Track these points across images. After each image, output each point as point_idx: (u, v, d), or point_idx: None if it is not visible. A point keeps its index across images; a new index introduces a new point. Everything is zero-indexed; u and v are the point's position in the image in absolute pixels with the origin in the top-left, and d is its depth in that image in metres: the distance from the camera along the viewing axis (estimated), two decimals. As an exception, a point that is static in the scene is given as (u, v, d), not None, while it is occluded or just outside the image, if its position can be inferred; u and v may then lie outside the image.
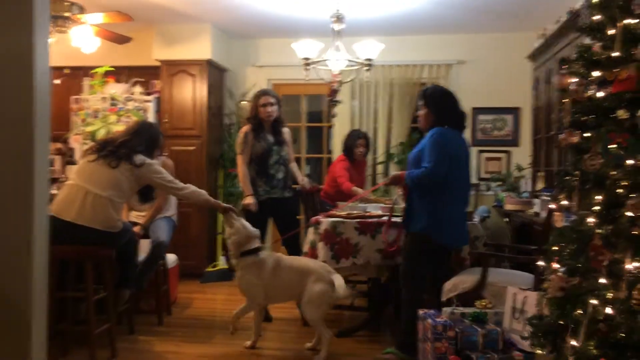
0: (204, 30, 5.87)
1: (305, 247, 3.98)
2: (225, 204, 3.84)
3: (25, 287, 2.76)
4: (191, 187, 3.63)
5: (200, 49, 5.89)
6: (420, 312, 3.12)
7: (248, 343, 3.58)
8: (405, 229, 3.43)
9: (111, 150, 3.45)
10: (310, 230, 3.92)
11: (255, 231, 3.56)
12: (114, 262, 3.66)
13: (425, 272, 3.40)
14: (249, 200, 4.21)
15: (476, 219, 4.15)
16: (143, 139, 3.60)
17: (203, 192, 3.69)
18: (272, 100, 4.28)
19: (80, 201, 3.31)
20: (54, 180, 5.23)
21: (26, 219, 2.77)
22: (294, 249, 4.30)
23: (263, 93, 4.34)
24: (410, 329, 3.28)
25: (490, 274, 3.29)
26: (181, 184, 3.61)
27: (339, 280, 3.39)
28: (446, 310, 3.07)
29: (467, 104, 5.85)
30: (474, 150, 5.99)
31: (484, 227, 4.28)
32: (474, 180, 5.91)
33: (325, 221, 3.74)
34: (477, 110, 6.13)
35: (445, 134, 3.30)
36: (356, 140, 5.18)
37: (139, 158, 3.48)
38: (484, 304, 3.09)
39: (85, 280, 3.26)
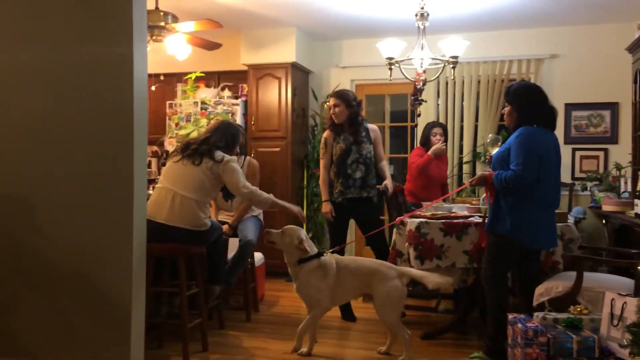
0: (289, 33, 5.99)
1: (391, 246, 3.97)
2: (294, 207, 3.86)
3: (126, 282, 2.95)
4: (255, 191, 3.65)
5: (285, 52, 6.01)
6: (510, 316, 3.02)
7: (304, 350, 3.46)
8: (489, 230, 3.32)
9: (194, 149, 3.60)
10: (395, 230, 3.90)
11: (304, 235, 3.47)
12: (205, 259, 3.83)
13: (507, 275, 3.29)
14: (325, 207, 4.35)
15: (570, 220, 3.95)
16: (222, 135, 3.72)
17: (270, 196, 3.70)
18: (335, 102, 4.30)
19: (169, 203, 3.46)
20: (150, 182, 5.54)
21: (126, 218, 2.96)
22: (381, 250, 4.27)
23: (329, 95, 4.38)
24: (498, 334, 3.18)
25: (585, 278, 3.12)
26: (249, 187, 3.61)
27: (416, 272, 3.40)
28: (537, 315, 2.95)
29: (559, 100, 5.64)
30: (567, 149, 5.72)
31: (579, 229, 4.07)
32: (567, 179, 5.65)
33: (409, 221, 3.70)
34: (571, 106, 5.83)
35: (533, 133, 3.17)
36: (431, 130, 5.10)
37: (219, 154, 3.59)
38: (579, 309, 2.94)
39: (178, 277, 3.41)
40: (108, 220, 2.98)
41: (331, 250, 3.62)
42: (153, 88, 5.77)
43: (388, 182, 4.37)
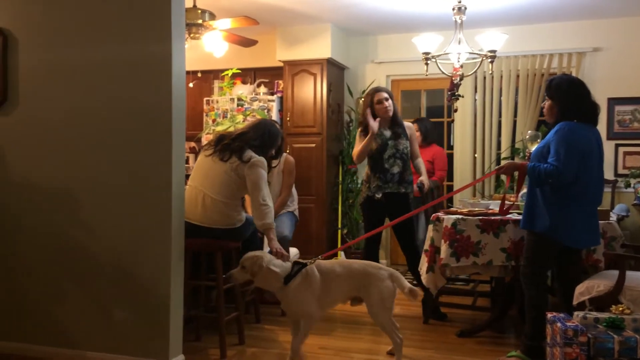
0: (324, 29, 6.00)
1: (426, 245, 3.93)
2: (277, 244, 3.38)
3: (165, 275, 3.02)
4: (267, 209, 3.38)
5: (321, 48, 6.02)
6: (549, 315, 2.96)
7: None
8: (525, 227, 3.26)
9: (226, 144, 3.52)
10: (430, 227, 3.87)
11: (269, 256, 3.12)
12: (240, 254, 3.87)
13: (547, 274, 3.22)
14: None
15: (613, 218, 3.85)
16: (259, 133, 3.59)
17: (270, 222, 3.39)
18: (385, 95, 4.26)
19: (200, 204, 3.45)
20: (188, 177, 5.63)
21: (165, 212, 3.02)
22: (410, 248, 4.25)
23: (376, 90, 4.30)
24: (537, 333, 3.13)
25: (628, 277, 3.04)
26: (265, 200, 3.38)
27: (398, 274, 3.20)
28: (578, 314, 2.88)
29: (602, 95, 5.49)
30: (609, 144, 5.57)
31: (622, 227, 3.96)
32: (610, 176, 5.50)
33: (445, 218, 3.67)
34: (614, 101, 5.67)
35: (574, 129, 3.10)
36: None
37: (248, 154, 3.45)
38: (621, 309, 2.86)
39: (215, 271, 3.47)
40: (147, 214, 3.05)
41: (319, 257, 3.23)
42: (191, 85, 5.85)
43: (424, 179, 4.34)
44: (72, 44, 3.17)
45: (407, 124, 4.43)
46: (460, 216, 3.64)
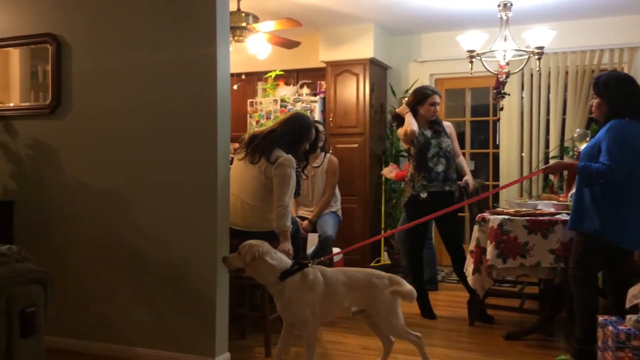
0: (367, 29, 5.99)
1: (471, 246, 3.87)
2: (288, 245, 3.28)
3: (210, 275, 3.08)
4: (283, 211, 3.29)
5: (363, 48, 6.01)
6: (600, 318, 2.87)
7: None
8: (573, 228, 3.17)
9: (255, 145, 3.47)
10: (476, 227, 3.81)
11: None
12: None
13: (597, 275, 3.12)
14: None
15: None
16: (288, 128, 3.51)
17: (285, 225, 3.29)
18: (438, 99, 4.21)
19: (240, 210, 3.46)
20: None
21: (211, 213, 3.08)
22: (455, 248, 4.19)
23: (433, 92, 4.24)
24: (587, 336, 3.04)
25: (685, 280, 2.92)
26: (283, 202, 3.29)
27: (397, 278, 3.02)
28: (630, 317, 2.79)
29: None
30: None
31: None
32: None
33: (492, 218, 3.61)
34: (670, 97, 5.44)
35: (626, 127, 2.99)
36: None
37: (275, 154, 3.37)
38: (677, 313, 2.75)
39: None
40: (194, 215, 3.12)
41: (317, 260, 3.00)
42: (235, 87, 5.95)
43: (469, 178, 4.29)
44: (121, 49, 3.27)
45: (447, 123, 4.38)
46: (506, 216, 3.57)
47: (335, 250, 4.91)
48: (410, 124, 4.13)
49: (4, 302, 2.15)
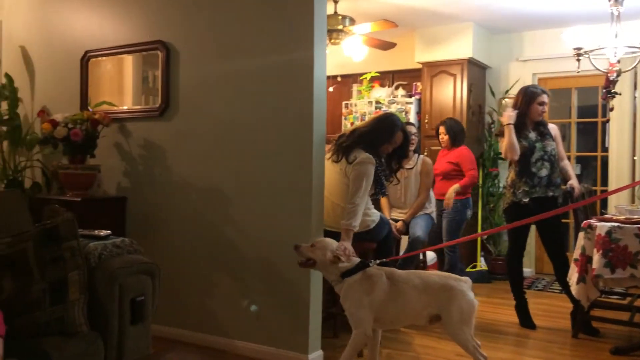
0: (465, 29, 5.84)
1: (576, 254, 3.67)
2: (344, 245, 3.02)
3: (305, 273, 3.14)
4: (352, 208, 3.21)
5: (461, 48, 5.88)
6: None
7: None
8: None
9: (339, 145, 3.46)
10: (581, 234, 3.60)
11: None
12: (375, 254, 3.89)
13: None
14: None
15: None
16: (372, 128, 3.45)
17: (349, 224, 3.19)
18: (547, 99, 4.02)
19: (332, 211, 3.45)
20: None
21: (305, 211, 3.14)
22: (558, 256, 3.98)
23: (542, 92, 4.04)
24: None
25: None
26: (353, 201, 3.23)
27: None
28: None
29: None
30: None
31: None
32: None
33: (599, 226, 3.40)
34: None
35: None
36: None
37: (354, 154, 3.33)
38: None
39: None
40: (289, 215, 3.20)
41: (378, 261, 2.89)
42: (330, 89, 6.02)
43: (574, 182, 4.06)
44: (224, 54, 3.43)
45: (552, 125, 4.16)
46: (616, 224, 3.35)
47: (430, 254, 4.84)
48: (511, 145, 3.94)
49: (117, 290, 2.33)
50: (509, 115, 3.99)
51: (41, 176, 4.17)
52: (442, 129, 5.04)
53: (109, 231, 2.61)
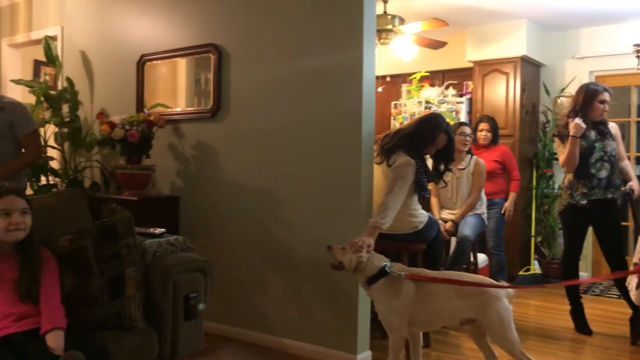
0: (518, 26, 5.70)
1: (635, 258, 3.53)
2: (361, 239, 2.83)
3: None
4: (383, 208, 3.07)
5: (514, 45, 5.74)
6: None
7: None
8: None
9: (383, 145, 3.40)
10: (641, 238, 3.46)
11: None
12: (425, 254, 3.84)
13: None
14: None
15: None
16: (415, 129, 3.36)
17: (377, 221, 3.00)
18: (609, 97, 3.85)
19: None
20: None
21: (354, 211, 3.15)
22: (616, 260, 3.83)
23: (604, 89, 3.85)
24: None
25: None
26: (386, 202, 3.09)
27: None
28: None
29: None
30: None
31: None
32: None
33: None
34: None
35: None
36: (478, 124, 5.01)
37: (394, 157, 3.26)
38: None
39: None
40: (338, 215, 3.21)
41: (395, 265, 2.79)
42: (380, 89, 5.99)
43: (634, 184, 3.89)
44: (274, 56, 3.47)
45: (612, 123, 4.00)
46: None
47: (481, 256, 4.74)
48: (572, 159, 3.79)
49: (171, 287, 2.39)
50: (577, 126, 3.75)
51: (100, 176, 4.33)
52: (484, 126, 4.94)
53: (163, 229, 2.69)
